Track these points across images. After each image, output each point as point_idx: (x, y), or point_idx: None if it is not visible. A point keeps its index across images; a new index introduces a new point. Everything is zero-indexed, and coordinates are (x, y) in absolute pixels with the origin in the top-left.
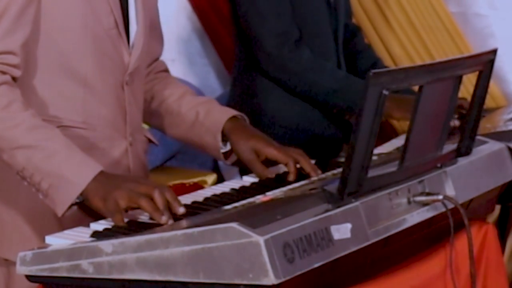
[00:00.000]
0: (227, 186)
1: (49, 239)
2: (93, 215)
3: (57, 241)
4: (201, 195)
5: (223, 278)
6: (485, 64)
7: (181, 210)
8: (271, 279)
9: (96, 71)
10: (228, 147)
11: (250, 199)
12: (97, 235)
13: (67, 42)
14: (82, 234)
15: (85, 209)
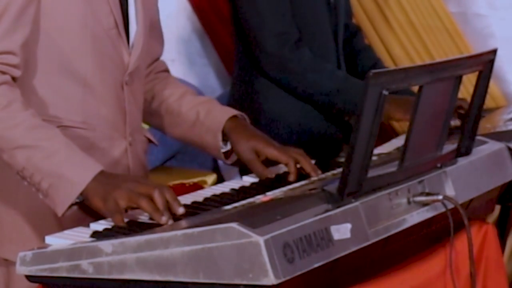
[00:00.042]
0: (227, 186)
1: (49, 239)
2: (93, 215)
3: (57, 241)
4: (201, 195)
5: (223, 278)
6: (485, 64)
7: (181, 211)
8: (271, 279)
9: (96, 71)
10: (229, 146)
11: (250, 199)
12: (97, 235)
13: (67, 42)
14: (82, 234)
15: (85, 209)
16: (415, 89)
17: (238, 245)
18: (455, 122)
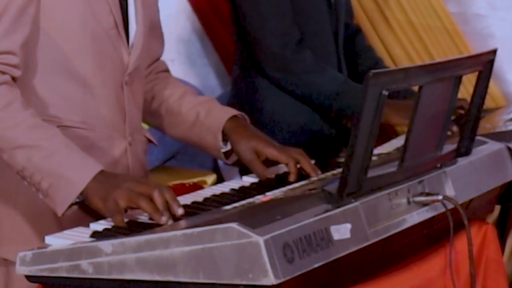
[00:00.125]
0: (226, 186)
1: (48, 239)
2: (93, 215)
3: (56, 241)
4: (200, 195)
5: (223, 278)
6: (484, 64)
7: (180, 211)
8: (270, 279)
9: (96, 71)
10: (229, 146)
11: (250, 199)
12: (96, 235)
13: (66, 42)
14: (82, 234)
15: (85, 209)
16: (415, 89)
17: (238, 245)
18: (452, 129)
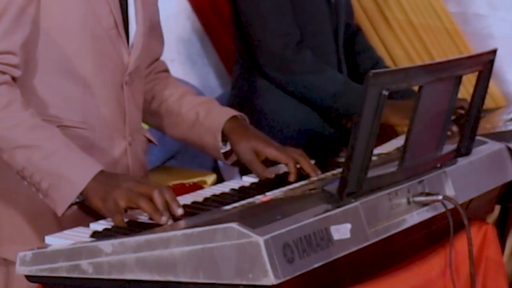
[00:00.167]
0: (226, 186)
1: (48, 239)
2: (93, 215)
3: (56, 241)
4: (200, 195)
5: (223, 278)
6: (484, 64)
7: (180, 212)
8: (270, 279)
9: (96, 71)
10: (228, 147)
11: (250, 199)
12: (96, 235)
13: (66, 42)
14: (82, 234)
15: (85, 209)
16: (415, 89)
17: (238, 245)
18: (452, 129)
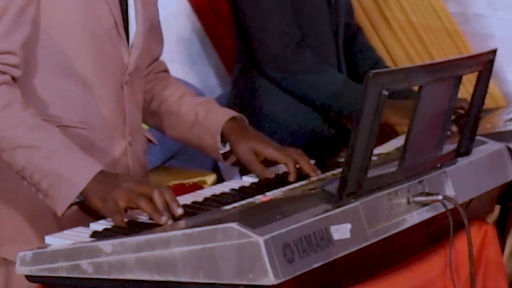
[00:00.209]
0: (226, 186)
1: (48, 239)
2: (93, 215)
3: (56, 241)
4: (200, 195)
5: (223, 278)
6: (484, 64)
7: (179, 212)
8: (270, 279)
9: (96, 71)
10: (227, 148)
11: (250, 199)
12: (96, 235)
13: (66, 42)
14: (82, 234)
15: (85, 209)
16: (415, 89)
17: (238, 245)
18: (452, 129)
